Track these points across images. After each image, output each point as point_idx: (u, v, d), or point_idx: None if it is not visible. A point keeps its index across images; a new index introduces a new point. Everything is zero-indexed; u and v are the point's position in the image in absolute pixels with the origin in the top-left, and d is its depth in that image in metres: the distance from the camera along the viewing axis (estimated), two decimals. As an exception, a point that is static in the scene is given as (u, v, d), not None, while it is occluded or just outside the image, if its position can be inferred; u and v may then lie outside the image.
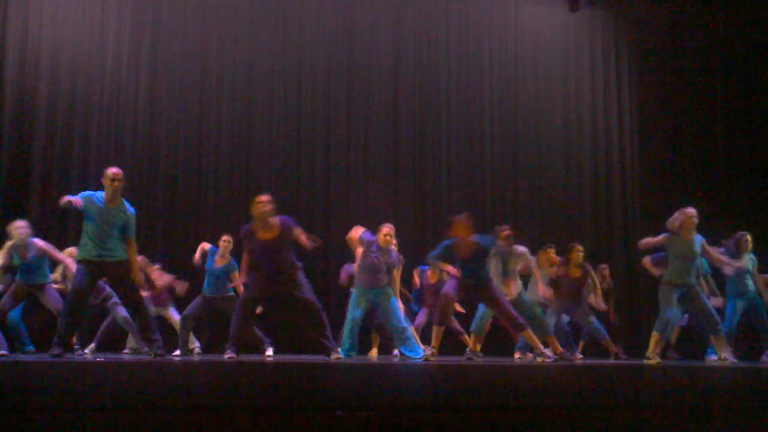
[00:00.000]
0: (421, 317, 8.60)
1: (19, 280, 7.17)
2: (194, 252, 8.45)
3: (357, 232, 7.40)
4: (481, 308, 7.50)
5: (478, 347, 7.62)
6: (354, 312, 7.30)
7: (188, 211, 9.76)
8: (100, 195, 6.24)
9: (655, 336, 7.13)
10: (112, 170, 6.25)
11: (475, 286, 6.96)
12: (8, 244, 7.06)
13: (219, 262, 7.83)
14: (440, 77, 10.97)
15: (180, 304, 8.27)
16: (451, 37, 11.09)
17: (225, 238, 7.88)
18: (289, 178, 10.15)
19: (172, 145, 9.90)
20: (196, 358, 7.57)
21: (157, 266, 8.07)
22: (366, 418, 1.98)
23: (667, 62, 11.55)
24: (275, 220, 6.43)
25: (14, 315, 7.66)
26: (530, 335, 7.06)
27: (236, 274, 7.63)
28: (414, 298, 8.94)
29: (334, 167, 10.32)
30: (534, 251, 8.20)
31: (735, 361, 7.23)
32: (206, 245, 7.93)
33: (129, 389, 2.99)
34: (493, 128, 11.07)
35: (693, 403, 2.75)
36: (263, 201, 6.44)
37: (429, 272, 8.61)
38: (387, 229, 7.30)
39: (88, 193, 6.24)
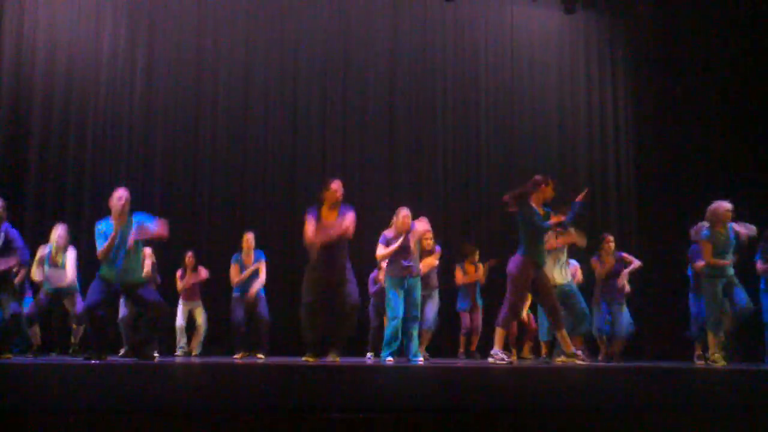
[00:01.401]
0: (467, 319, 8.70)
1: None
2: (189, 253, 8.49)
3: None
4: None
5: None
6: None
7: (184, 212, 9.72)
8: (105, 221, 6.14)
9: (711, 337, 6.89)
10: (119, 192, 6.19)
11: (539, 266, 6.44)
12: None
13: (246, 260, 7.98)
14: (436, 79, 10.97)
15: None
16: (447, 38, 11.10)
17: (248, 236, 8.06)
18: (285, 176, 10.16)
19: (168, 146, 9.87)
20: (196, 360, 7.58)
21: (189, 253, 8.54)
22: (364, 420, 1.98)
23: (662, 64, 11.57)
24: (341, 207, 6.48)
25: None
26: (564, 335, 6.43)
27: (263, 263, 7.96)
28: (460, 297, 8.89)
29: (330, 167, 10.30)
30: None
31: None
32: (235, 277, 7.98)
33: (124, 392, 2.98)
34: (488, 130, 11.08)
35: (692, 405, 2.76)
36: (337, 187, 6.47)
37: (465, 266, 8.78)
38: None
39: (103, 227, 6.10)
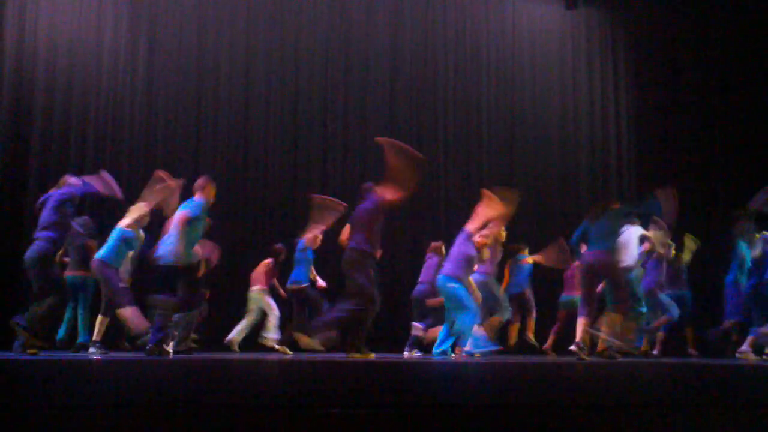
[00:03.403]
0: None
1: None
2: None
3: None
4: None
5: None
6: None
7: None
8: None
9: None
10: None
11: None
12: None
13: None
14: (438, 74, 10.98)
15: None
16: (449, 34, 11.10)
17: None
18: (286, 176, 10.17)
19: (169, 144, 9.89)
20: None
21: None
22: (364, 417, 1.98)
23: (663, 58, 11.57)
24: None
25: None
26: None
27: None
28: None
29: (330, 168, 10.32)
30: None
31: None
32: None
33: (125, 387, 2.98)
34: (490, 125, 11.09)
35: (697, 401, 2.76)
36: None
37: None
38: None
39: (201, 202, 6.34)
